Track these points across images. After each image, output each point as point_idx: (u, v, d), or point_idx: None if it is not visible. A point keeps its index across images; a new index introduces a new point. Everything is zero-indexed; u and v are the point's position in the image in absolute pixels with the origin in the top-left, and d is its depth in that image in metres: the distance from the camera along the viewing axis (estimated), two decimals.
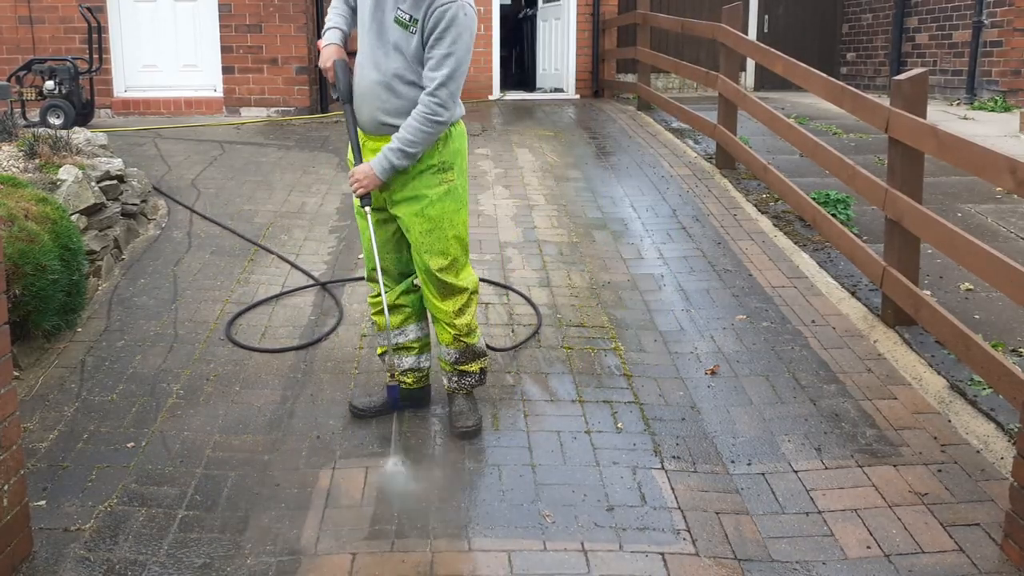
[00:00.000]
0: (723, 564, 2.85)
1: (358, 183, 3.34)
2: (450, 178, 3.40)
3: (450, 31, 3.18)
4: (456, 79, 3.24)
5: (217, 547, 2.90)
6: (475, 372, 3.64)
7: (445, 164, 3.39)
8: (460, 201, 3.45)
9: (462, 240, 3.47)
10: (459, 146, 3.44)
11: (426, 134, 3.25)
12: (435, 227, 3.39)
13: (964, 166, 3.72)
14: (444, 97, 3.23)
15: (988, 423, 3.55)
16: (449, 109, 3.25)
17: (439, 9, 3.18)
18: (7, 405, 2.70)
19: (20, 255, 3.84)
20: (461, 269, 3.50)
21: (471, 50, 3.28)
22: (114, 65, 9.48)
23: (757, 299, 4.87)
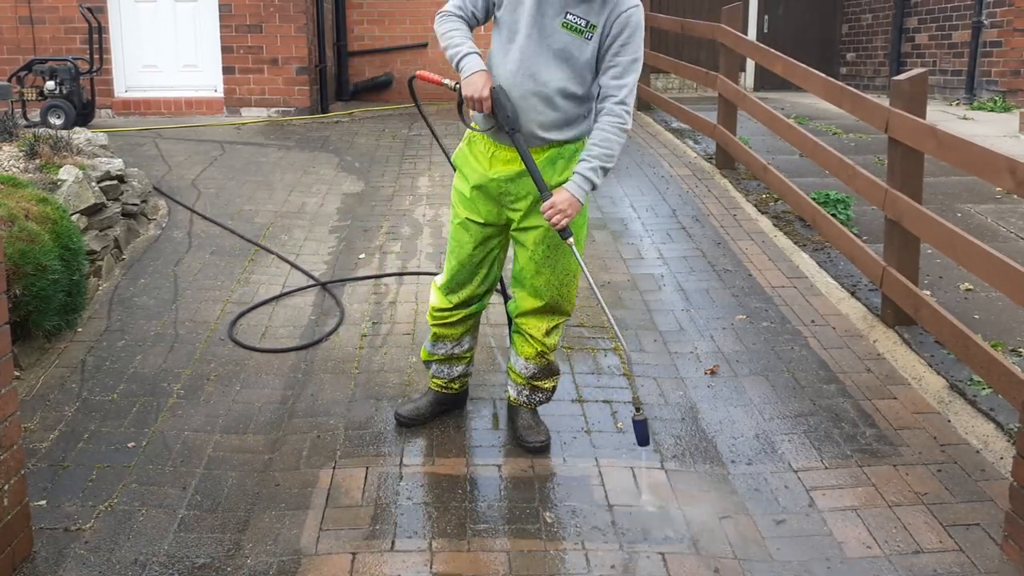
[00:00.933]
0: (723, 564, 2.85)
1: (562, 214, 3.00)
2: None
3: (636, 36, 3.04)
4: (636, 86, 3.11)
5: (217, 547, 2.90)
6: (548, 389, 3.52)
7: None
8: (584, 216, 3.32)
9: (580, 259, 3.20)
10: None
11: (620, 144, 3.07)
12: (566, 254, 3.23)
13: (964, 166, 3.73)
14: (630, 105, 3.08)
15: (988, 423, 3.55)
16: (631, 116, 3.10)
17: (624, 14, 3.02)
18: (8, 405, 2.70)
19: (21, 255, 3.84)
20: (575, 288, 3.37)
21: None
22: (115, 65, 9.49)
23: (757, 299, 4.88)
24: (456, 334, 3.49)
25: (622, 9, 3.02)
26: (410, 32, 11.22)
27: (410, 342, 4.36)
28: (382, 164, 7.57)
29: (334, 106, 10.57)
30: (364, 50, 11.26)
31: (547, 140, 3.11)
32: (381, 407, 3.78)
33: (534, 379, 3.45)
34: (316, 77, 9.86)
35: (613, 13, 3.01)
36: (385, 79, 11.31)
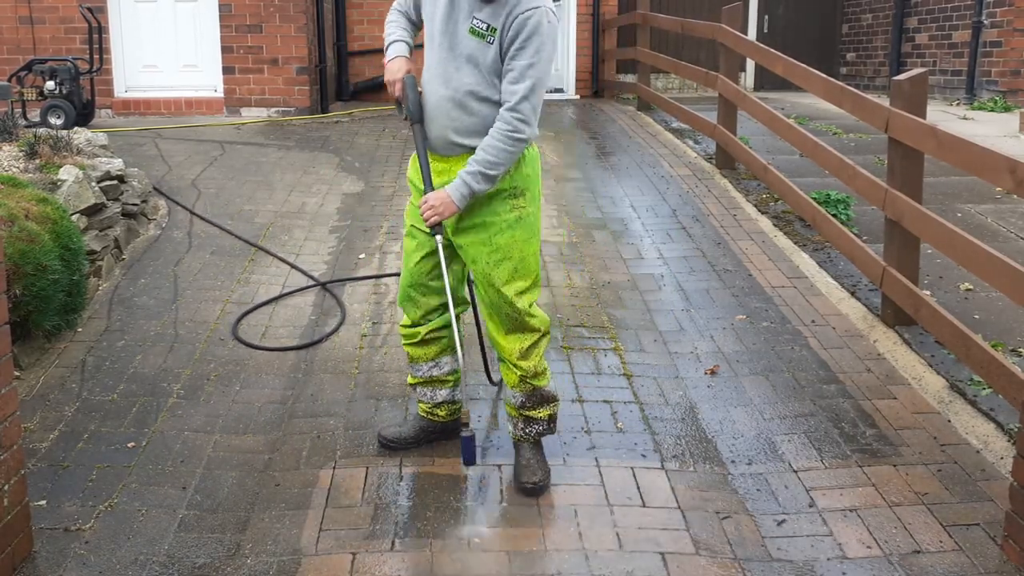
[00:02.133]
0: (723, 564, 2.85)
1: (432, 210, 3.01)
2: (521, 204, 3.12)
3: (532, 40, 2.92)
4: (538, 92, 2.98)
5: (217, 547, 2.90)
6: (543, 419, 3.30)
7: (517, 189, 3.11)
8: (531, 230, 3.15)
9: (532, 273, 3.17)
10: (532, 171, 3.16)
11: (509, 153, 2.98)
12: (504, 257, 3.10)
13: (964, 166, 3.73)
14: (527, 112, 2.97)
15: (988, 423, 3.55)
16: (531, 125, 2.99)
17: (520, 17, 2.92)
18: (8, 405, 2.70)
19: (21, 255, 3.84)
20: (533, 299, 3.19)
21: (552, 62, 3.06)
22: (114, 65, 9.48)
23: (757, 299, 4.88)
24: (430, 354, 3.37)
25: (519, 11, 2.93)
26: None
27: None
28: (382, 164, 7.58)
29: (334, 106, 10.57)
30: (364, 50, 11.26)
31: (464, 147, 3.06)
32: (381, 407, 3.78)
33: (524, 409, 3.27)
34: (316, 77, 9.86)
35: (511, 16, 2.94)
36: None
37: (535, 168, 3.18)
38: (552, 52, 3.02)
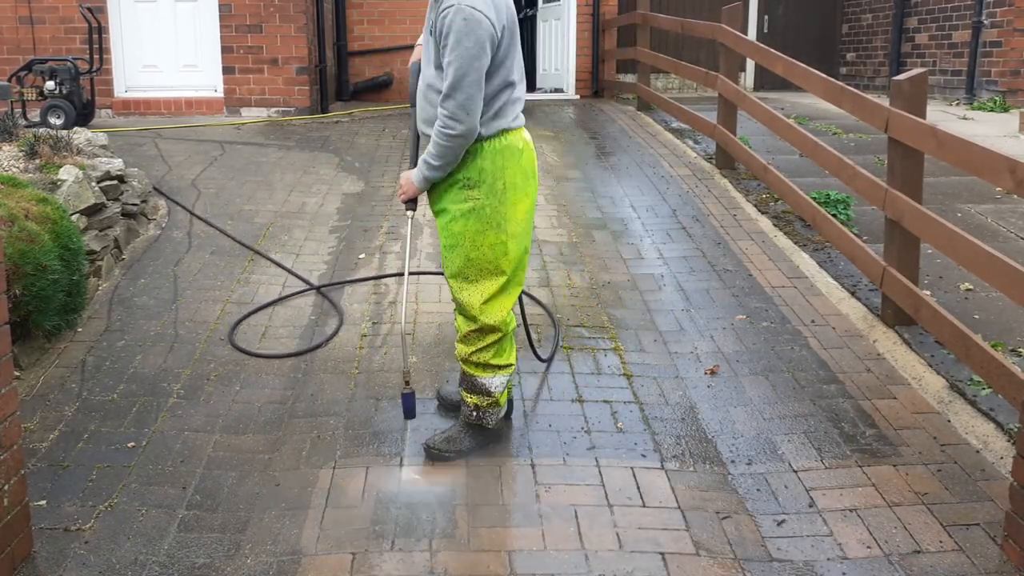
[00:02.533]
0: (723, 564, 2.85)
1: (401, 188, 3.34)
2: (475, 196, 3.19)
3: (450, 37, 3.01)
4: (462, 89, 3.02)
5: (217, 547, 2.90)
6: (470, 404, 3.41)
7: (471, 180, 3.19)
8: (487, 223, 3.20)
9: (482, 265, 3.23)
10: (491, 164, 3.19)
11: (443, 148, 3.11)
12: (456, 244, 3.24)
13: (964, 166, 3.72)
14: (452, 108, 3.04)
15: (988, 423, 3.55)
16: (462, 121, 3.04)
17: (442, 14, 3.04)
18: (8, 405, 2.70)
19: (20, 255, 3.84)
20: (487, 294, 3.26)
21: (480, 58, 3.02)
22: (114, 65, 9.48)
23: (757, 299, 4.88)
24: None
25: (441, 8, 3.05)
26: (410, 32, 11.20)
27: (410, 341, 4.36)
28: (382, 164, 7.57)
29: (334, 106, 10.57)
30: (364, 50, 11.26)
31: (427, 135, 3.23)
32: (381, 407, 3.78)
33: (461, 385, 3.44)
34: (316, 77, 9.86)
35: (438, 13, 3.06)
36: (385, 79, 11.31)
37: (498, 162, 3.20)
38: (474, 49, 3.01)
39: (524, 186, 3.28)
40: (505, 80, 3.17)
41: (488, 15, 3.02)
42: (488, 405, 3.40)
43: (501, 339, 3.34)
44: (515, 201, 3.25)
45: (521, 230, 3.29)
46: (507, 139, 3.22)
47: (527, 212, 3.32)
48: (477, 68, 3.03)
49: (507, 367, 3.41)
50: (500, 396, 3.41)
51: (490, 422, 3.44)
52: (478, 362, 3.35)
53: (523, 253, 3.34)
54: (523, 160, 3.27)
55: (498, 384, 3.38)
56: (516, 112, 3.26)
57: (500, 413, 3.47)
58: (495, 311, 3.28)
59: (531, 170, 3.33)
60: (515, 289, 3.35)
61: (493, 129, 3.17)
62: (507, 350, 3.40)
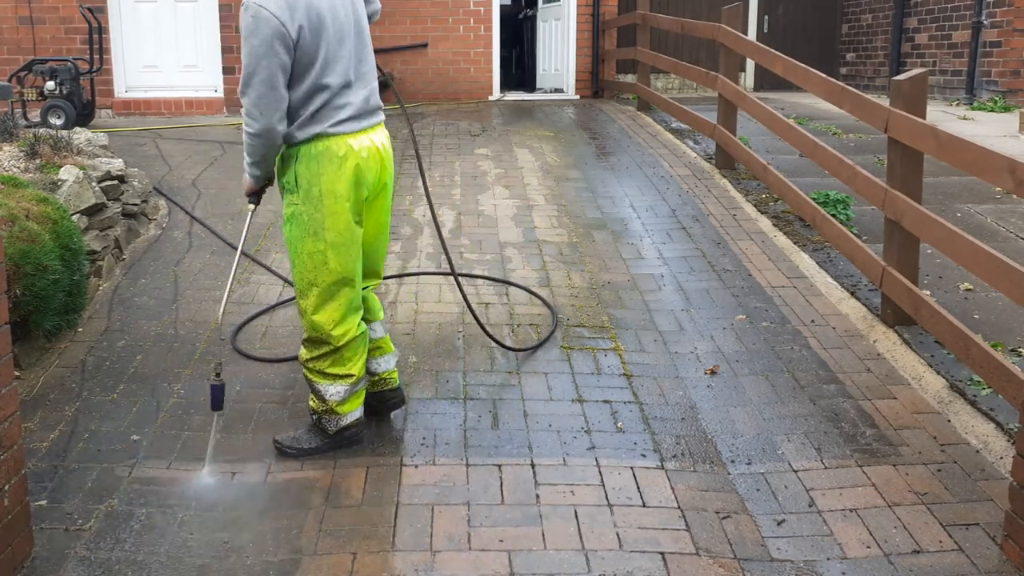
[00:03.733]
0: (723, 564, 2.86)
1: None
2: (295, 201, 3.18)
3: (242, 35, 3.01)
4: (252, 86, 2.99)
5: (217, 547, 2.90)
6: (311, 408, 3.39)
7: (289, 185, 3.19)
8: (304, 229, 3.16)
9: (303, 273, 3.20)
10: (305, 169, 3.13)
11: (248, 145, 3.13)
12: (290, 249, 3.27)
13: (964, 166, 3.73)
14: (247, 106, 3.04)
15: (988, 423, 3.56)
16: (256, 119, 3.02)
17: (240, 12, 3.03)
18: (8, 405, 2.70)
19: (21, 255, 3.84)
20: (313, 304, 3.22)
21: (267, 57, 2.96)
22: (115, 65, 9.49)
23: (757, 299, 4.88)
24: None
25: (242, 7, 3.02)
26: (410, 32, 11.22)
27: (410, 342, 4.36)
28: None
29: None
30: None
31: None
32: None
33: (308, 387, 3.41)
34: None
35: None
36: (385, 79, 11.31)
37: (313, 168, 3.13)
38: (261, 47, 2.96)
39: (347, 194, 3.16)
40: (316, 83, 3.08)
41: (278, 14, 2.95)
42: (324, 411, 3.34)
43: (338, 350, 3.26)
44: (335, 210, 3.14)
45: (344, 240, 3.18)
46: (323, 144, 3.12)
47: (350, 224, 3.19)
48: (266, 67, 2.97)
49: (346, 377, 3.31)
50: (337, 404, 3.32)
51: (329, 428, 3.36)
52: (315, 369, 3.31)
53: (349, 265, 3.22)
54: (345, 168, 3.13)
55: (334, 393, 3.30)
56: (341, 117, 3.13)
57: (342, 421, 3.37)
58: (323, 321, 3.22)
59: (358, 179, 3.18)
60: (341, 300, 3.23)
61: (307, 133, 3.10)
62: (349, 360, 3.30)
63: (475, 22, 11.32)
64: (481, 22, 11.32)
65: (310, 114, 3.09)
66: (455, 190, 6.81)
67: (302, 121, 3.09)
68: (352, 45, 3.18)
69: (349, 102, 3.15)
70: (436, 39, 11.28)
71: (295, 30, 2.98)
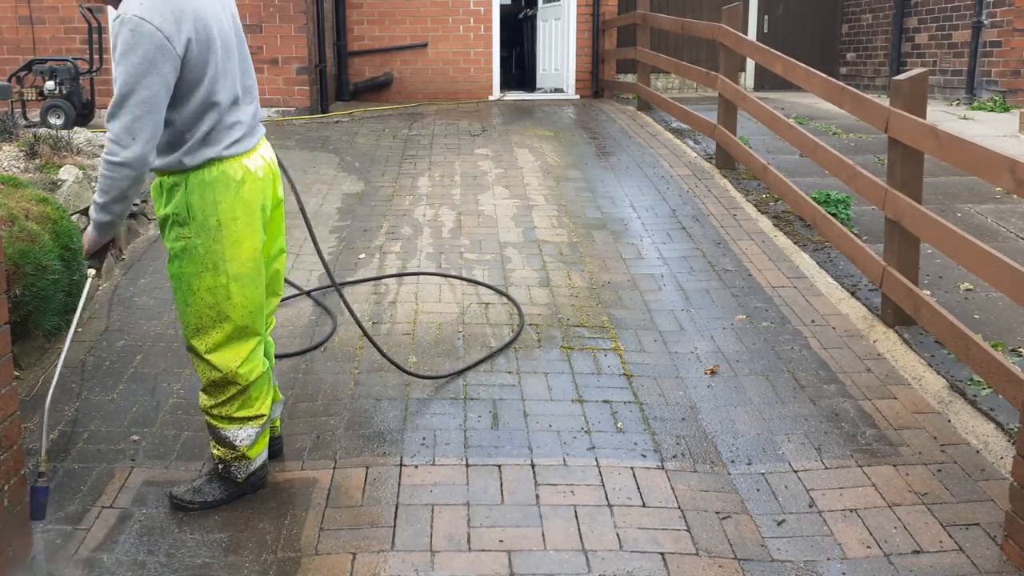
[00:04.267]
0: (723, 564, 2.85)
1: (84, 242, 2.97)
2: (186, 234, 2.83)
3: (116, 50, 2.63)
4: (126, 108, 2.61)
5: (217, 547, 2.90)
6: (217, 457, 3.10)
7: (180, 217, 2.83)
8: (201, 264, 2.85)
9: (202, 311, 2.90)
10: (199, 199, 2.81)
11: (108, 180, 2.69)
12: (177, 286, 2.93)
13: (964, 166, 3.73)
14: (116, 131, 2.63)
15: (988, 423, 3.56)
16: (126, 147, 2.63)
17: (113, 24, 2.70)
18: (8, 405, 2.70)
19: (21, 255, 3.84)
20: (213, 343, 2.93)
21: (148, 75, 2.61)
22: None
23: (757, 299, 4.88)
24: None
25: (113, 18, 2.69)
26: (410, 32, 11.22)
27: (410, 342, 4.36)
28: (382, 164, 7.58)
29: (334, 106, 10.58)
30: (364, 50, 11.27)
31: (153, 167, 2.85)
32: (381, 407, 3.78)
33: (209, 435, 3.12)
34: (316, 77, 9.86)
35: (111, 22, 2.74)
36: (385, 79, 11.32)
37: (208, 196, 2.82)
38: (141, 64, 2.60)
39: (249, 221, 2.89)
40: (207, 101, 2.77)
41: (161, 27, 2.62)
42: (234, 459, 3.08)
43: (245, 389, 3.02)
44: (237, 239, 2.87)
45: (249, 271, 2.92)
46: (218, 169, 2.82)
47: (254, 250, 2.92)
48: (147, 86, 2.62)
49: (256, 419, 3.08)
50: (247, 449, 3.08)
51: (238, 475, 3.11)
52: (221, 415, 3.04)
53: (254, 296, 2.96)
54: (243, 192, 2.86)
55: (244, 437, 3.06)
56: (233, 137, 2.84)
57: (251, 466, 3.13)
58: (226, 360, 2.96)
59: (258, 202, 2.91)
60: (251, 337, 3.00)
61: (199, 159, 2.79)
62: (256, 400, 3.07)
63: (475, 22, 11.32)
64: (481, 22, 11.32)
65: (200, 137, 2.78)
66: (455, 190, 6.81)
67: (191, 145, 2.78)
68: (236, 57, 2.90)
69: (239, 120, 2.87)
70: (436, 39, 11.28)
71: (182, 45, 2.67)
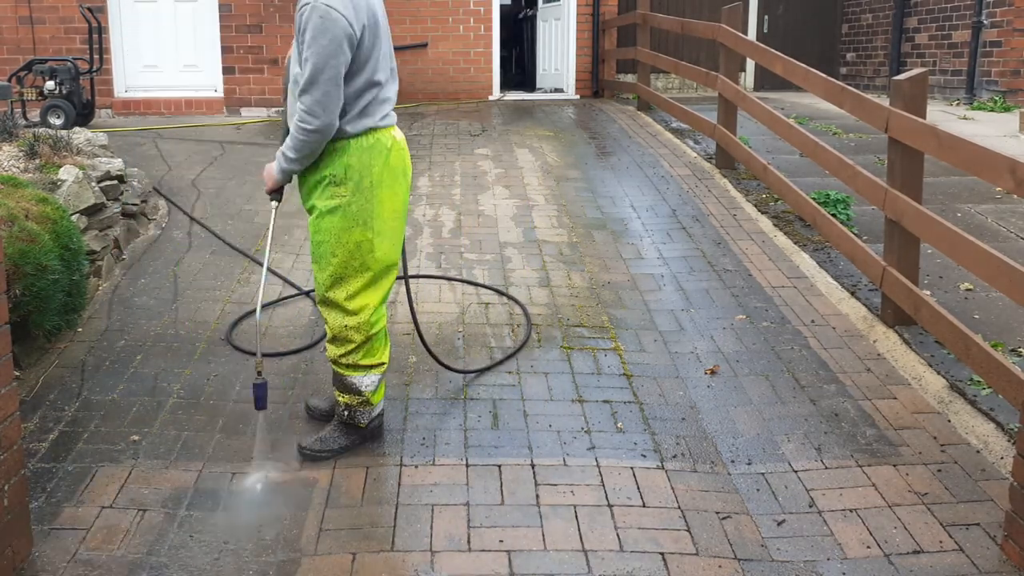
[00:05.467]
0: (723, 564, 2.85)
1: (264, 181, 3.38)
2: (342, 193, 3.20)
3: (307, 32, 3.04)
4: (318, 85, 3.05)
5: (217, 547, 2.90)
6: (343, 403, 3.42)
7: (336, 177, 3.21)
8: (352, 220, 3.22)
9: (347, 262, 3.25)
10: (359, 161, 3.21)
11: (301, 142, 3.13)
12: (323, 240, 3.25)
13: (964, 166, 3.73)
14: (309, 104, 3.07)
15: (988, 423, 3.56)
16: (318, 117, 3.07)
17: (299, 9, 3.08)
18: (8, 405, 2.70)
19: (21, 255, 3.84)
20: (353, 290, 3.29)
21: (336, 56, 3.05)
22: (114, 65, 9.49)
23: (757, 299, 4.88)
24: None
25: (300, 5, 3.09)
26: (410, 32, 11.21)
27: (410, 342, 4.36)
28: None
29: None
30: None
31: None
32: None
33: (334, 385, 3.46)
34: None
35: (297, 9, 3.10)
36: None
37: (364, 160, 3.21)
38: (331, 47, 3.03)
39: (392, 184, 3.29)
40: (370, 79, 3.19)
41: (345, 13, 3.04)
42: (359, 404, 3.41)
43: (370, 339, 3.34)
44: (382, 199, 3.26)
45: (389, 228, 3.30)
46: (374, 137, 3.23)
47: (395, 211, 3.32)
48: (334, 66, 3.05)
49: (378, 366, 3.41)
50: (371, 395, 3.41)
51: (362, 420, 3.44)
52: (349, 363, 3.36)
53: (392, 251, 3.34)
54: (391, 158, 3.27)
55: (368, 383, 3.39)
56: (385, 111, 3.27)
57: (373, 412, 3.46)
58: (361, 307, 3.30)
59: (400, 169, 3.32)
60: (383, 286, 3.35)
61: (360, 127, 3.20)
62: (378, 350, 3.39)
63: (475, 22, 11.31)
64: (481, 22, 11.32)
65: (361, 109, 3.18)
66: (455, 190, 6.81)
67: (353, 115, 3.17)
68: (389, 42, 3.32)
69: (389, 97, 3.29)
70: (436, 39, 11.28)
71: (360, 29, 3.09)
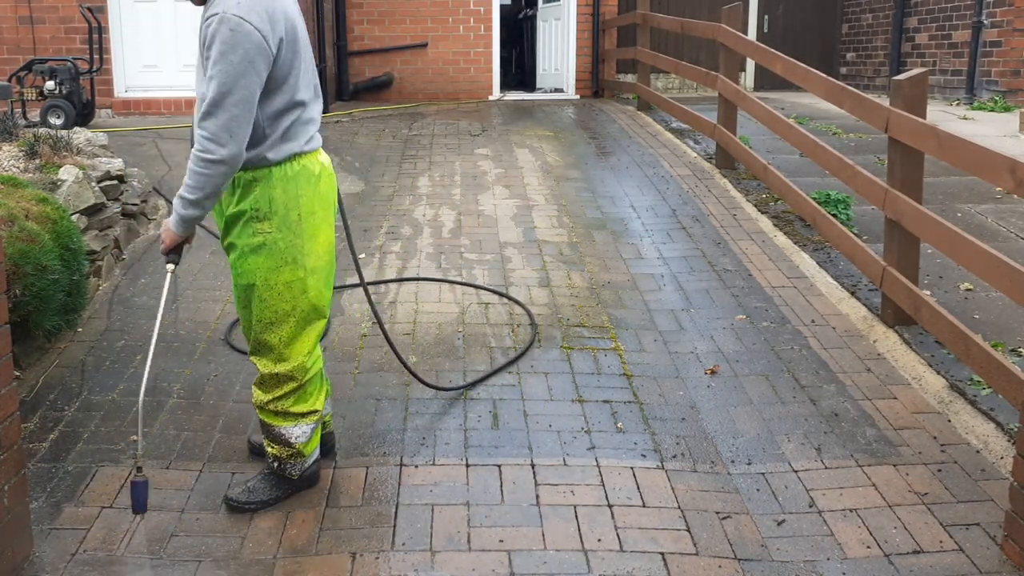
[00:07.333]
0: (723, 564, 2.85)
1: (160, 238, 2.95)
2: (266, 229, 2.84)
3: (214, 48, 2.64)
4: (224, 108, 2.64)
5: (217, 547, 2.90)
6: (271, 455, 3.10)
7: (259, 212, 2.84)
8: (280, 258, 2.87)
9: (277, 306, 2.91)
10: (282, 193, 2.84)
11: (203, 178, 2.70)
12: (248, 282, 2.91)
13: (964, 166, 3.73)
14: (212, 130, 2.65)
15: (988, 423, 3.56)
16: (224, 145, 2.65)
17: (206, 21, 2.68)
18: (8, 405, 2.70)
19: (21, 255, 3.84)
20: (287, 336, 2.95)
21: (247, 75, 2.65)
22: (114, 65, 9.48)
23: (757, 299, 4.88)
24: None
25: (206, 16, 2.70)
26: (410, 32, 11.22)
27: (410, 342, 4.36)
28: (382, 164, 7.58)
29: (334, 106, 10.57)
30: (364, 50, 11.27)
31: None
32: (381, 407, 3.78)
33: (263, 434, 3.12)
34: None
35: (203, 21, 2.71)
36: (385, 79, 11.32)
37: (291, 190, 2.86)
38: (241, 64, 2.64)
39: (325, 215, 2.95)
40: (291, 99, 2.83)
41: (260, 27, 2.66)
42: (289, 456, 3.09)
43: (303, 384, 3.03)
44: (314, 233, 2.91)
45: (323, 264, 2.98)
46: (300, 164, 2.88)
47: (328, 245, 2.98)
48: (245, 86, 2.66)
49: (310, 415, 3.08)
50: (303, 446, 3.09)
51: (294, 472, 3.12)
52: (276, 410, 3.03)
53: (326, 291, 3.01)
54: (321, 186, 2.93)
55: (299, 434, 3.06)
56: (309, 133, 2.91)
57: (306, 463, 3.14)
58: (296, 354, 2.98)
59: (331, 198, 2.99)
60: (317, 327, 3.02)
61: (283, 153, 2.83)
62: (311, 395, 3.08)
63: (475, 22, 11.32)
64: (481, 22, 11.32)
65: (282, 132, 2.83)
66: (455, 190, 6.81)
67: (274, 140, 2.82)
68: (311, 56, 2.99)
69: (313, 117, 2.95)
70: (436, 39, 11.29)
71: (276, 44, 2.73)
